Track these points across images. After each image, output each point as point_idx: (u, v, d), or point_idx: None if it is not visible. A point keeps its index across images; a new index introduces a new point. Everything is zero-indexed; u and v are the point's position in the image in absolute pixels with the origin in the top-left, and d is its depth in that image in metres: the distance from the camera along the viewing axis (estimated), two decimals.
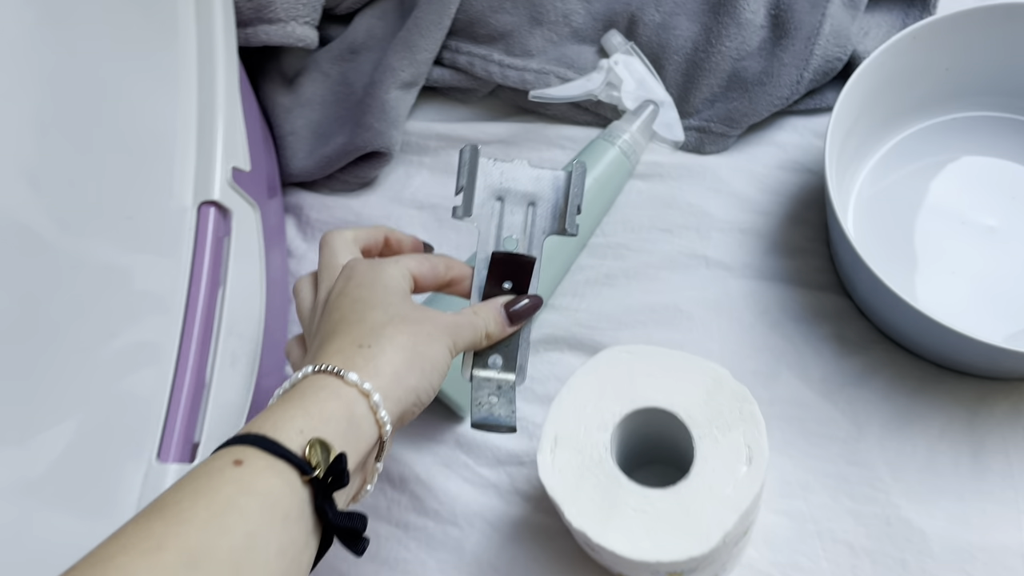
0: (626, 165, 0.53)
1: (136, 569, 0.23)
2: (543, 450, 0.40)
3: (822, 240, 0.52)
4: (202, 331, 0.39)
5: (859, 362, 0.48)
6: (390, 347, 0.31)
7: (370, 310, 0.32)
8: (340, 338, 0.31)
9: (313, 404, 0.29)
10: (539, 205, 0.39)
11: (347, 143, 0.57)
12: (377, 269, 0.34)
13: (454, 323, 0.34)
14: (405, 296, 0.34)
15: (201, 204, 0.41)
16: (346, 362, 0.30)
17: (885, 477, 0.45)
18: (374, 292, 0.33)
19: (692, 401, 0.40)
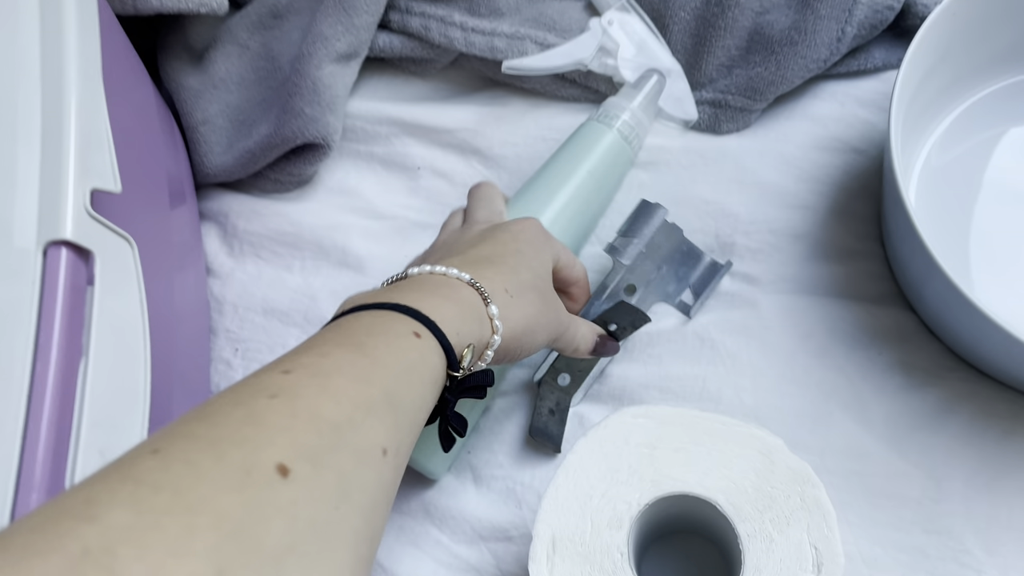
0: (627, 152, 0.43)
1: (352, 393, 0.24)
2: (537, 559, 0.30)
3: (875, 238, 0.42)
4: (55, 426, 0.28)
5: (932, 397, 0.38)
6: (522, 310, 0.33)
7: (526, 268, 0.34)
8: (494, 271, 0.33)
9: (469, 315, 0.30)
10: (665, 268, 0.41)
11: (272, 134, 0.46)
12: (547, 238, 0.37)
13: (566, 322, 0.36)
14: (549, 276, 0.36)
15: (48, 245, 0.29)
16: (493, 295, 0.31)
17: (975, 550, 0.35)
18: (536, 256, 0.35)
19: (735, 485, 0.30)
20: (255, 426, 0.22)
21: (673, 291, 0.41)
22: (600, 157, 0.42)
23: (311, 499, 0.22)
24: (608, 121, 0.42)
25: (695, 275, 0.41)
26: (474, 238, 0.36)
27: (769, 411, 0.39)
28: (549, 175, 0.42)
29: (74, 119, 0.31)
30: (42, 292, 0.29)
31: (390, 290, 0.31)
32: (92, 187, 0.30)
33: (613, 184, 0.43)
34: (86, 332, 0.30)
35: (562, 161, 0.42)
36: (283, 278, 0.46)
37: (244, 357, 0.45)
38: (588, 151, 0.42)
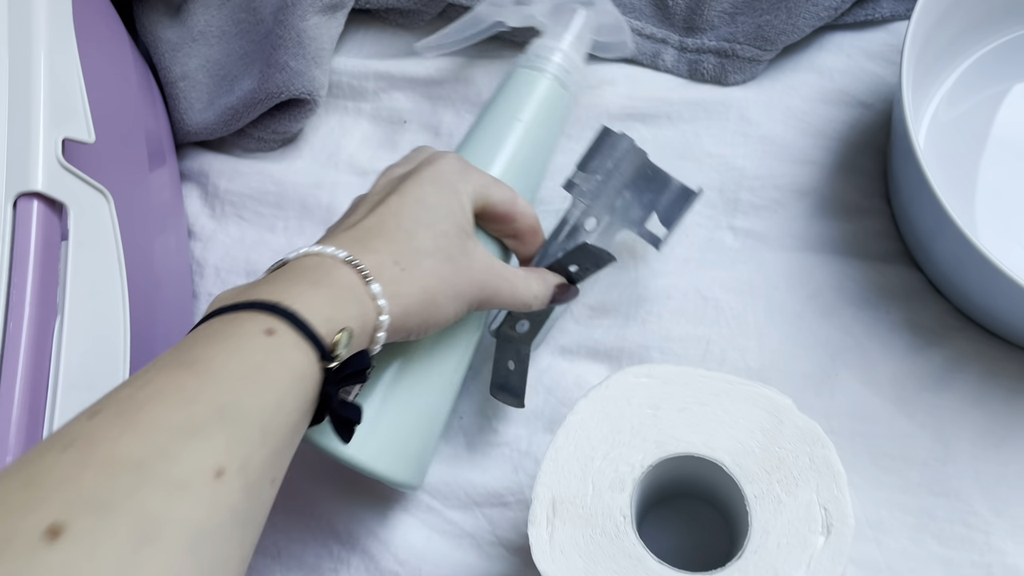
0: (565, 99, 0.39)
1: (169, 420, 0.22)
2: (537, 521, 0.29)
3: (881, 195, 0.40)
4: (28, 386, 0.26)
5: (939, 356, 0.37)
6: (418, 282, 0.30)
7: (425, 228, 0.31)
8: (384, 240, 0.30)
9: (343, 298, 0.28)
10: (629, 193, 0.37)
11: (256, 89, 0.44)
12: (461, 177, 0.33)
13: (494, 283, 0.32)
14: (463, 227, 0.32)
15: (19, 197, 0.28)
16: (378, 271, 0.29)
17: (983, 511, 0.35)
18: (442, 206, 0.32)
19: (742, 445, 0.29)
20: (32, 488, 0.20)
21: (638, 217, 0.37)
22: (537, 109, 0.38)
23: (90, 556, 0.19)
24: (538, 66, 0.39)
25: (663, 201, 0.37)
26: (374, 200, 0.32)
27: (774, 373, 0.38)
28: (483, 135, 0.38)
29: (43, 64, 0.29)
30: (12, 247, 0.27)
31: (257, 283, 0.28)
32: (64, 136, 0.29)
33: (554, 137, 0.40)
34: (60, 289, 0.28)
35: (495, 118, 0.38)
36: (266, 239, 0.45)
37: None
38: (522, 103, 0.38)
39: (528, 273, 0.34)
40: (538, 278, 0.34)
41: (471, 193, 0.33)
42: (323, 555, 0.38)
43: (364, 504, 0.38)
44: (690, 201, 0.37)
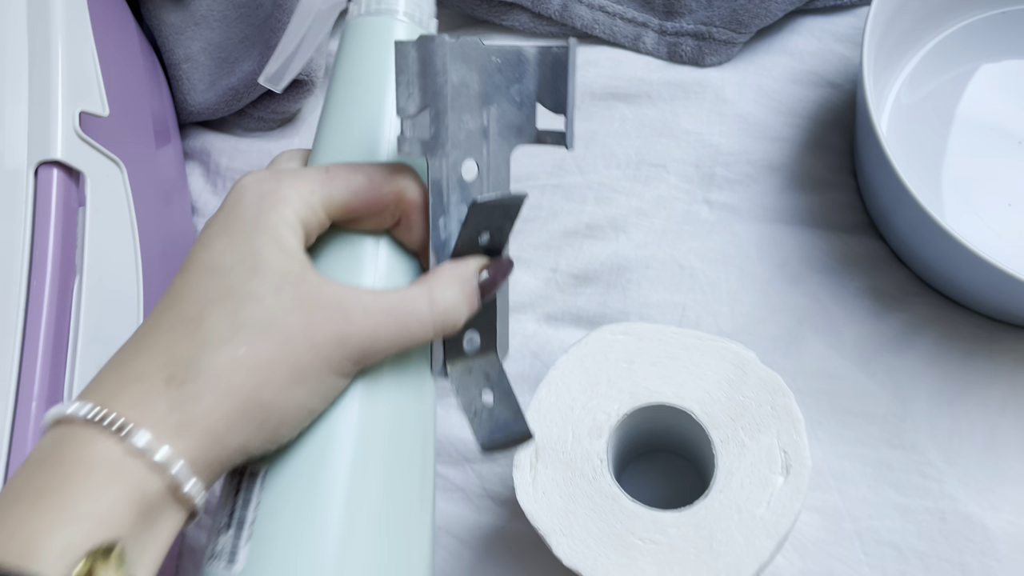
0: (416, 31, 0.29)
1: None
2: (520, 466, 0.31)
3: (848, 170, 0.43)
4: (51, 339, 0.29)
5: (899, 320, 0.40)
6: (213, 391, 0.21)
7: (215, 305, 0.21)
8: (154, 351, 0.21)
9: (83, 496, 0.19)
10: (494, 106, 0.26)
11: (257, 70, 0.46)
12: (262, 212, 0.23)
13: (368, 323, 0.22)
14: (288, 272, 0.22)
15: (39, 165, 0.30)
16: (142, 408, 0.20)
17: (937, 462, 0.37)
18: (235, 268, 0.22)
19: (710, 395, 0.31)
20: None
21: (524, 123, 0.26)
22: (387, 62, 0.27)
23: None
24: (381, 7, 0.28)
25: (536, 85, 0.25)
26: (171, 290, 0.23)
27: (745, 336, 0.40)
28: (334, 122, 0.27)
29: (61, 42, 0.31)
30: (35, 212, 0.30)
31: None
32: (80, 109, 0.31)
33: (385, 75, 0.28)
34: (79, 252, 0.30)
35: (344, 94, 0.27)
36: None
37: None
38: (376, 63, 0.27)
39: (430, 279, 0.24)
40: (446, 278, 0.24)
41: (295, 213, 0.23)
42: None
43: None
44: (570, 61, 0.25)
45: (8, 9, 0.32)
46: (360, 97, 0.27)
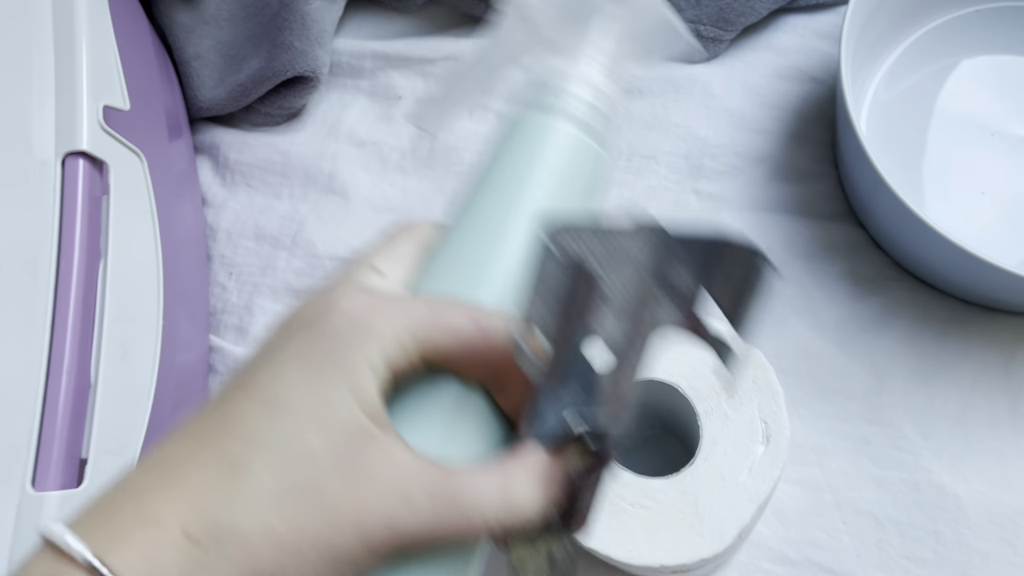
0: (594, 153, 0.24)
1: None
2: None
3: (830, 161, 0.45)
4: (80, 317, 0.31)
5: (877, 303, 0.42)
6: (235, 564, 0.17)
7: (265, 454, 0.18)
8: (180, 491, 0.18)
9: None
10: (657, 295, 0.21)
11: (264, 67, 0.48)
12: (351, 345, 0.19)
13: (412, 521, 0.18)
14: (358, 428, 0.18)
15: (66, 156, 0.32)
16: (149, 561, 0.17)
17: (912, 436, 0.39)
18: (299, 415, 0.18)
19: (695, 371, 0.33)
20: None
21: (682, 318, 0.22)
22: (552, 183, 0.23)
23: None
24: (549, 107, 0.23)
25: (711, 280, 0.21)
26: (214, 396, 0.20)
27: None
28: (469, 236, 0.22)
29: (85, 39, 0.33)
30: (63, 200, 0.32)
31: None
32: (104, 103, 0.33)
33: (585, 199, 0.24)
34: (103, 237, 0.32)
35: (487, 204, 0.23)
36: (273, 205, 0.49)
37: (238, 280, 0.48)
38: (525, 177, 0.22)
39: (510, 467, 0.20)
40: (530, 472, 0.20)
41: (384, 353, 0.19)
42: None
43: None
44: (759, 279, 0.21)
45: (35, 9, 0.34)
46: (497, 213, 0.22)
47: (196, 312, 0.47)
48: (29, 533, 0.28)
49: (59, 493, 0.29)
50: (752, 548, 0.39)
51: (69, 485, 0.29)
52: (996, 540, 0.37)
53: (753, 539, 0.39)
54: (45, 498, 0.29)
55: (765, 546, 0.39)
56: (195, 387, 0.45)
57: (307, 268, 0.47)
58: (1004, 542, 0.37)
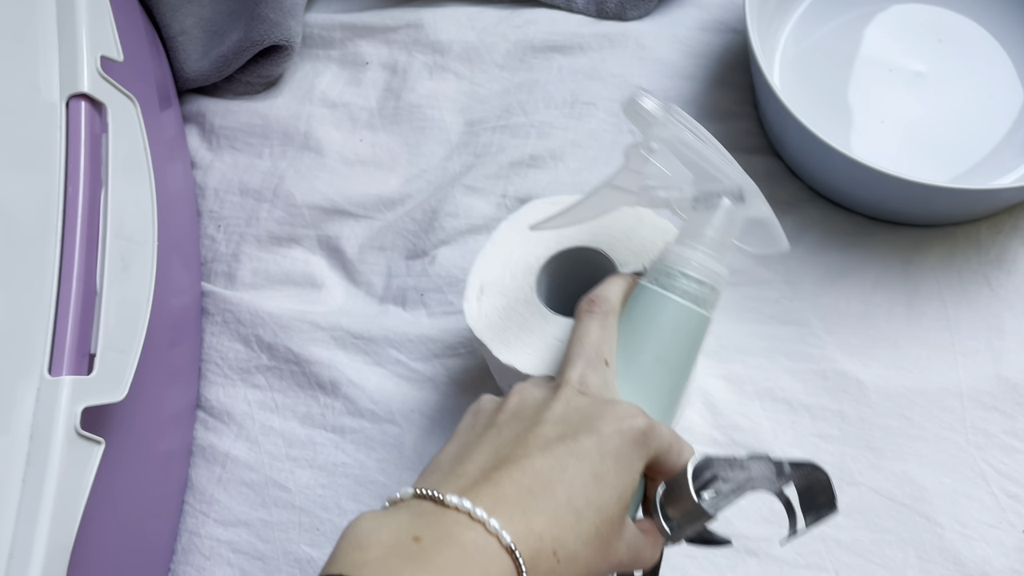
0: (704, 323, 0.33)
1: None
2: (469, 299, 0.39)
3: (750, 102, 0.50)
4: (85, 233, 0.36)
5: (791, 221, 0.47)
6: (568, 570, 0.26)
7: (595, 510, 0.27)
8: (550, 517, 0.26)
9: None
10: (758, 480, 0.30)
11: (243, 39, 0.53)
12: (643, 444, 0.28)
13: (629, 560, 0.29)
14: (626, 505, 0.28)
15: (70, 98, 0.37)
16: (535, 563, 0.25)
17: (819, 332, 0.45)
18: (618, 482, 0.27)
19: (616, 239, 0.39)
20: None
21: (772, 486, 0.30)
22: (678, 344, 0.32)
23: None
24: (669, 286, 0.32)
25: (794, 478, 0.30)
26: (548, 431, 0.28)
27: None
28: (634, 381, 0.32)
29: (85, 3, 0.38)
30: (67, 136, 0.37)
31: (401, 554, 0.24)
32: (101, 54, 0.38)
33: (691, 366, 0.33)
34: (104, 168, 0.38)
35: (638, 356, 0.32)
36: (255, 164, 0.54)
37: (225, 232, 0.53)
38: (659, 336, 0.32)
39: (650, 540, 0.30)
40: (657, 542, 0.31)
41: (646, 462, 0.29)
42: (312, 403, 0.48)
43: (342, 362, 0.48)
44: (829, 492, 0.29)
45: None
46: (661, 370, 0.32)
47: (189, 261, 0.52)
48: (47, 411, 0.34)
49: (72, 378, 0.34)
50: (684, 433, 0.44)
51: (80, 372, 0.35)
52: (894, 416, 0.42)
53: (685, 425, 0.44)
54: (60, 381, 0.34)
55: (696, 431, 0.44)
56: (189, 326, 0.51)
57: (287, 217, 0.52)
58: (901, 417, 0.42)
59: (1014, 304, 0.44)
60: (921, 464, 0.41)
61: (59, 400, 0.34)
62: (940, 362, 0.43)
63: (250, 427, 0.48)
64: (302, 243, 0.51)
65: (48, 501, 0.32)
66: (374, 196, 0.51)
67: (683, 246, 0.33)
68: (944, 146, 0.47)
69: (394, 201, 0.51)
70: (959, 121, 0.48)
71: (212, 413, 0.48)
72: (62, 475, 0.32)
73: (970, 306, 0.44)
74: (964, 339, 0.43)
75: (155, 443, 0.45)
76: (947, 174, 0.47)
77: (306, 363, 0.48)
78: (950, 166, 0.47)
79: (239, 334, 0.49)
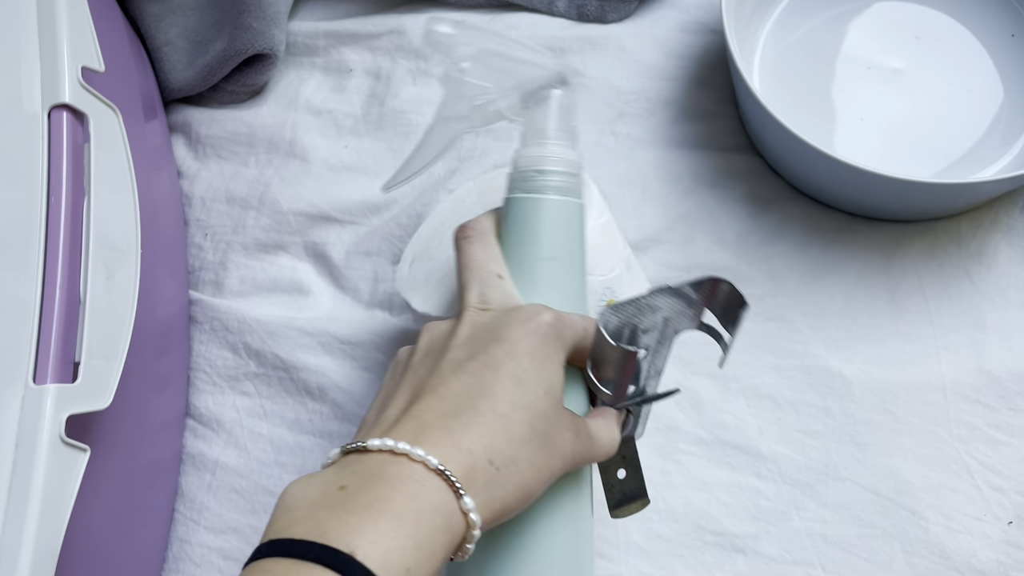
0: (577, 209, 0.34)
1: None
2: (401, 268, 0.41)
3: (731, 102, 0.51)
4: (68, 242, 0.36)
5: (773, 219, 0.47)
6: (513, 480, 0.26)
7: (523, 412, 0.27)
8: (477, 432, 0.26)
9: (426, 531, 0.24)
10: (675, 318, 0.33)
11: (227, 48, 0.53)
12: (557, 336, 0.29)
13: (583, 450, 0.29)
14: (559, 399, 0.29)
15: (52, 109, 0.37)
16: (471, 478, 0.25)
17: (803, 328, 0.45)
18: (540, 380, 0.28)
19: None
20: None
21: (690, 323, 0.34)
22: (562, 237, 0.33)
23: None
24: (535, 188, 0.33)
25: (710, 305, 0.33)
26: (459, 354, 0.29)
27: (649, 243, 0.48)
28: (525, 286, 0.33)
29: (65, 8, 0.38)
30: (50, 146, 0.37)
31: (328, 502, 0.24)
32: (82, 64, 0.38)
33: (583, 248, 0.34)
34: (87, 178, 0.38)
35: (523, 262, 0.33)
36: (241, 172, 0.54)
37: (213, 240, 0.54)
38: (542, 238, 0.33)
39: (604, 422, 0.31)
40: (612, 423, 0.32)
41: (565, 352, 0.30)
42: (300, 409, 0.48)
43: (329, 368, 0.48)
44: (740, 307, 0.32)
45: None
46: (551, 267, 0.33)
47: (176, 270, 0.53)
48: (31, 420, 0.34)
49: (56, 386, 0.34)
50: (671, 433, 0.44)
51: (65, 380, 0.35)
52: (878, 411, 0.43)
53: (671, 425, 0.44)
54: (45, 390, 0.34)
55: (682, 431, 0.44)
56: (177, 335, 0.51)
57: (274, 224, 0.53)
58: (885, 411, 0.43)
59: (995, 298, 0.44)
60: (905, 458, 0.42)
61: (44, 408, 0.34)
62: (923, 356, 0.43)
63: (239, 434, 0.48)
64: (289, 250, 0.52)
65: (34, 509, 0.32)
66: (359, 202, 0.51)
67: (530, 147, 0.34)
68: (924, 142, 0.48)
69: (379, 206, 0.51)
70: (937, 117, 0.48)
71: (201, 421, 0.48)
72: (47, 483, 0.33)
73: (951, 300, 0.44)
74: (946, 333, 0.44)
75: (143, 451, 0.45)
76: (928, 170, 0.47)
77: (294, 369, 0.48)
78: (931, 162, 0.47)
79: (227, 342, 0.49)
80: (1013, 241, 0.45)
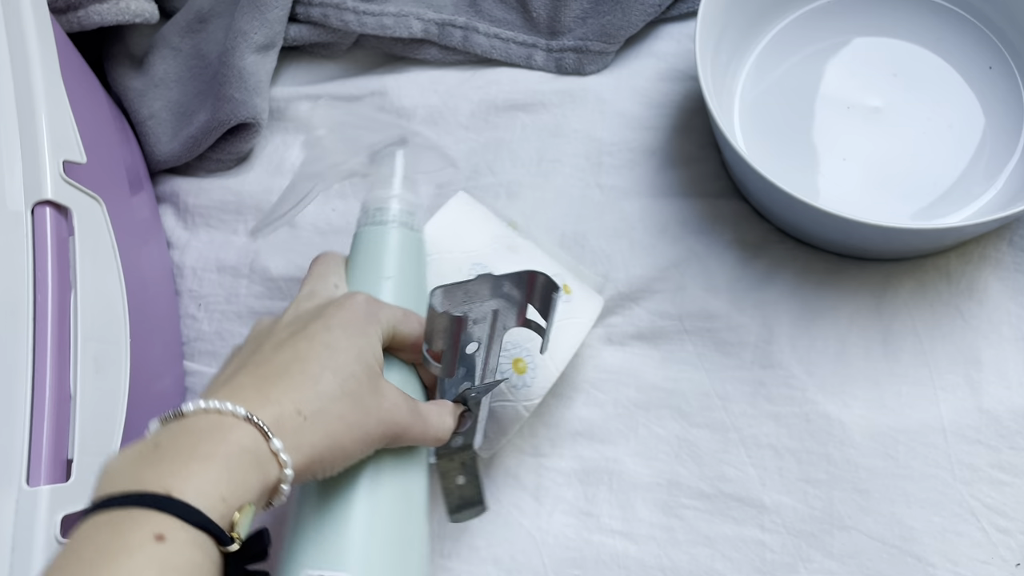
0: (417, 238, 0.41)
1: None
2: None
3: (713, 146, 0.51)
4: (56, 339, 0.36)
5: (762, 264, 0.47)
6: (322, 428, 0.29)
7: (332, 372, 0.30)
8: (285, 386, 0.30)
9: (243, 466, 0.27)
10: (501, 309, 0.37)
11: (210, 119, 0.54)
12: (371, 316, 0.33)
13: (405, 422, 0.32)
14: (373, 369, 0.32)
15: (35, 205, 0.38)
16: (279, 424, 0.28)
17: (799, 374, 0.45)
18: (351, 347, 0.31)
19: None
20: None
21: (516, 317, 0.37)
22: (398, 260, 0.39)
23: None
24: (382, 219, 0.39)
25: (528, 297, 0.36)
26: (281, 334, 0.32)
27: (640, 293, 0.48)
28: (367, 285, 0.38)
29: (43, 107, 0.39)
30: (34, 243, 0.37)
31: (147, 453, 0.27)
32: (63, 158, 0.39)
33: (422, 274, 0.40)
34: (72, 271, 0.38)
35: (365, 282, 0.38)
36: (230, 240, 0.55)
37: (206, 310, 0.54)
38: (382, 261, 0.38)
39: (437, 407, 0.35)
40: (439, 410, 0.35)
41: (380, 333, 0.33)
42: None
43: None
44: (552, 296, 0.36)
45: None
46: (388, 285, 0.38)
47: (169, 342, 0.53)
48: (26, 523, 0.34)
49: (50, 487, 0.34)
50: (672, 488, 0.44)
51: (58, 481, 0.35)
52: (879, 456, 0.42)
53: (672, 479, 0.44)
54: (39, 492, 0.34)
55: (684, 484, 0.44)
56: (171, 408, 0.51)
57: (266, 292, 0.53)
58: (886, 457, 0.42)
59: (988, 334, 0.44)
60: (909, 503, 0.41)
61: (38, 510, 0.34)
62: (920, 398, 0.43)
63: None
64: None
65: None
66: None
67: (375, 190, 0.40)
68: (908, 179, 0.48)
69: None
70: (918, 153, 0.48)
71: None
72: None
73: (945, 339, 0.44)
74: (942, 373, 0.43)
75: None
76: (913, 207, 0.47)
77: None
78: (916, 199, 0.47)
79: None
80: (1002, 275, 0.45)
